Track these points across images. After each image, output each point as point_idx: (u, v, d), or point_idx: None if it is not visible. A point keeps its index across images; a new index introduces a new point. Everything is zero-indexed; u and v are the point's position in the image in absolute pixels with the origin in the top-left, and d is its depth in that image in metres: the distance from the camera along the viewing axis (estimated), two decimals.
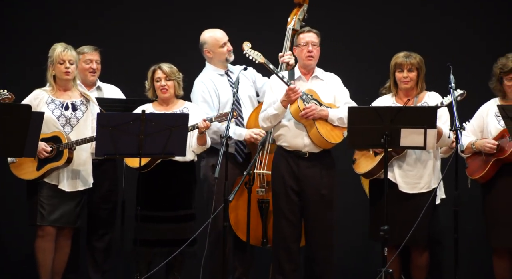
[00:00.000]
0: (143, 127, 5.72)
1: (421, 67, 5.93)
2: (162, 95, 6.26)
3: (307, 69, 6.09)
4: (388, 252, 5.67)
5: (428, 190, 5.90)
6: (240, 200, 6.15)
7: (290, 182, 5.99)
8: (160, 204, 6.15)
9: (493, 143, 5.78)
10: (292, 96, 5.90)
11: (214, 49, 6.46)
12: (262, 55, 6.19)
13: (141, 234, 6.04)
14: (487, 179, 5.86)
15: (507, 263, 5.85)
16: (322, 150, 5.99)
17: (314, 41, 6.02)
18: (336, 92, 6.05)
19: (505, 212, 5.79)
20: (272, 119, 6.00)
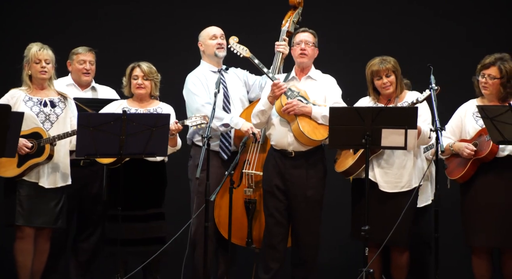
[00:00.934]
0: (124, 128, 5.70)
1: (397, 69, 5.95)
2: (136, 91, 6.25)
3: (301, 68, 6.10)
4: (370, 252, 5.70)
5: (409, 189, 5.91)
6: (227, 198, 6.13)
7: (276, 181, 6.01)
8: (129, 203, 6.09)
9: (471, 149, 5.81)
10: (276, 91, 5.92)
11: (205, 41, 6.49)
12: (248, 50, 6.20)
13: (113, 234, 6.03)
14: (466, 179, 5.89)
15: (486, 262, 5.88)
16: (309, 149, 5.99)
17: (307, 40, 6.04)
18: (327, 92, 6.06)
19: (483, 212, 5.82)
20: (260, 115, 6.02)
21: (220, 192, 6.08)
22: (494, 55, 5.86)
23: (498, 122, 5.55)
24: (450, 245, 6.42)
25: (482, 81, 5.84)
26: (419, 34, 7.37)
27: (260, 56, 6.33)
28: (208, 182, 5.85)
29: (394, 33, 7.36)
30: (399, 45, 6.94)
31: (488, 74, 5.82)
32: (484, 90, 5.84)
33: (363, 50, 7.19)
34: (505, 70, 5.80)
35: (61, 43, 6.40)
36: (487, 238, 5.80)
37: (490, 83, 5.82)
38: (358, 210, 5.93)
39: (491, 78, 5.82)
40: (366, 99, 6.09)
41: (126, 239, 6.03)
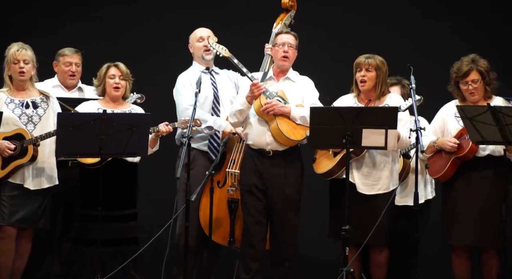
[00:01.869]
0: (104, 127, 5.68)
1: (380, 69, 5.94)
2: (113, 93, 6.20)
3: (281, 69, 6.11)
4: (349, 251, 5.72)
5: (386, 191, 5.94)
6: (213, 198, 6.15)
7: (255, 180, 6.02)
8: (107, 203, 6.04)
9: (454, 142, 5.85)
10: (255, 91, 5.93)
11: (193, 43, 6.51)
12: (227, 50, 6.19)
13: (86, 234, 6.02)
14: (448, 177, 5.92)
15: (465, 261, 5.92)
16: (286, 148, 6.01)
17: (290, 43, 6.05)
18: (305, 93, 6.07)
19: (463, 211, 5.85)
20: (238, 114, 6.03)
21: (205, 192, 6.08)
22: (465, 61, 5.87)
23: (477, 123, 5.59)
24: (431, 244, 6.45)
25: (467, 89, 5.86)
26: (404, 34, 7.39)
27: (250, 57, 6.32)
28: (189, 182, 5.84)
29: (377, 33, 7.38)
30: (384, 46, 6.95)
31: (471, 81, 5.85)
32: (472, 96, 5.87)
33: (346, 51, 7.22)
34: (483, 69, 5.84)
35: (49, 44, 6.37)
36: (467, 237, 5.84)
37: (476, 88, 5.85)
38: (336, 210, 5.95)
39: (475, 82, 5.86)
40: (348, 96, 6.10)
41: (102, 239, 5.99)
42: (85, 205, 6.10)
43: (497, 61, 6.06)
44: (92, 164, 6.03)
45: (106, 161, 6.02)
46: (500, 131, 5.55)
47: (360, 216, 5.87)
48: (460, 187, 5.88)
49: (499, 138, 5.58)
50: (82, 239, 6.09)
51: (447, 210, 5.95)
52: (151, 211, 6.48)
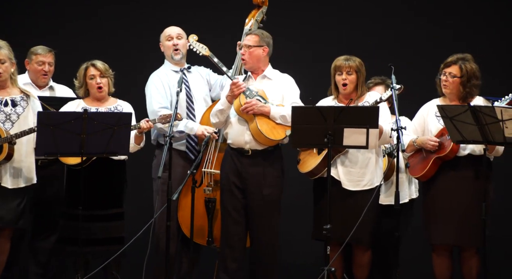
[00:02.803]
0: (85, 126, 5.65)
1: (360, 70, 5.97)
2: (98, 94, 6.19)
3: (252, 71, 6.11)
4: (332, 251, 5.73)
5: (371, 187, 5.94)
6: (189, 198, 6.12)
7: (234, 180, 6.02)
8: (90, 202, 6.05)
9: (435, 141, 5.87)
10: (235, 90, 5.93)
11: (163, 42, 6.48)
12: (207, 49, 6.18)
13: (71, 233, 5.99)
14: (428, 177, 5.94)
15: (446, 260, 5.94)
16: (266, 147, 6.01)
17: (247, 44, 6.04)
18: (285, 91, 6.07)
19: (443, 210, 5.87)
20: (219, 114, 6.02)
21: (183, 192, 6.07)
22: (456, 55, 5.93)
23: (458, 122, 5.61)
24: (412, 243, 6.48)
25: (443, 79, 5.91)
26: (385, 34, 7.42)
27: (223, 55, 6.31)
28: (170, 181, 5.83)
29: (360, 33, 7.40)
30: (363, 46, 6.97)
31: (449, 73, 5.89)
32: (444, 88, 5.91)
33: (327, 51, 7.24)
34: (466, 70, 5.86)
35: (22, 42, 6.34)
36: (447, 236, 5.85)
37: (450, 82, 5.89)
38: (319, 208, 5.96)
39: (452, 76, 5.89)
40: (327, 99, 6.11)
41: (86, 239, 5.97)
42: (70, 204, 6.07)
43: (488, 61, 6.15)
44: (77, 164, 5.99)
45: (90, 160, 6.00)
46: (480, 131, 5.57)
47: (345, 213, 5.88)
48: (441, 186, 5.91)
49: (479, 137, 5.61)
50: (66, 238, 6.06)
51: (428, 209, 5.97)
52: (132, 210, 6.45)
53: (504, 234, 6.97)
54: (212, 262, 6.36)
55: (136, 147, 6.15)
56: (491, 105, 5.62)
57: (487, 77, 6.03)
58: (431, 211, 5.94)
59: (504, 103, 5.75)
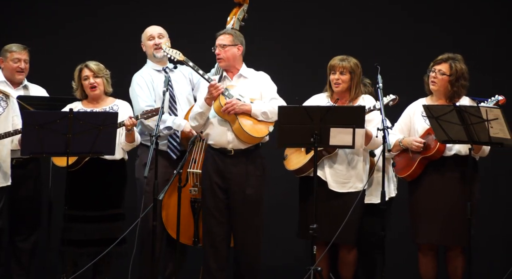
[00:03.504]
0: (70, 126, 5.64)
1: (354, 71, 5.97)
2: (92, 93, 6.19)
3: (227, 70, 6.11)
4: (317, 250, 5.74)
5: (357, 190, 5.96)
6: (174, 198, 6.12)
7: (216, 180, 6.00)
8: (88, 204, 6.07)
9: (420, 141, 5.89)
10: (214, 92, 5.92)
11: (144, 42, 6.49)
12: (181, 54, 6.16)
13: (69, 234, 5.97)
14: (414, 176, 5.96)
15: (431, 260, 5.97)
16: (248, 146, 6.00)
17: (221, 43, 6.04)
18: (262, 88, 6.07)
19: (429, 210, 5.89)
20: (198, 117, 6.00)
21: (168, 192, 6.05)
22: (447, 54, 5.96)
23: (443, 122, 5.64)
24: (397, 242, 6.49)
25: (432, 75, 5.94)
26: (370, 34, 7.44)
27: (205, 53, 6.29)
28: (156, 180, 5.82)
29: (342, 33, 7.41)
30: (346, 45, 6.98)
31: (438, 70, 5.92)
32: (432, 85, 5.94)
33: (309, 50, 7.26)
34: (455, 69, 5.89)
35: None
36: (433, 236, 5.88)
37: (439, 79, 5.92)
38: (305, 208, 5.96)
39: (441, 74, 5.92)
40: (321, 95, 6.12)
41: (84, 240, 6.00)
42: (70, 206, 5.99)
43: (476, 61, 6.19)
44: (70, 166, 5.97)
45: (83, 162, 6.00)
46: (465, 131, 5.60)
47: (331, 214, 5.89)
48: (427, 186, 5.93)
49: (465, 137, 5.63)
50: (67, 240, 6.03)
51: (414, 209, 5.99)
52: None
53: (491, 234, 7.01)
54: (198, 263, 6.34)
55: (128, 145, 6.13)
56: (476, 105, 5.64)
57: (479, 77, 6.07)
58: (417, 210, 5.96)
59: (491, 104, 5.78)
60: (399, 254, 6.68)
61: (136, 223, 6.03)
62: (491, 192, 6.85)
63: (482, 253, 6.90)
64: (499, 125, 5.51)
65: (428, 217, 5.89)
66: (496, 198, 7.11)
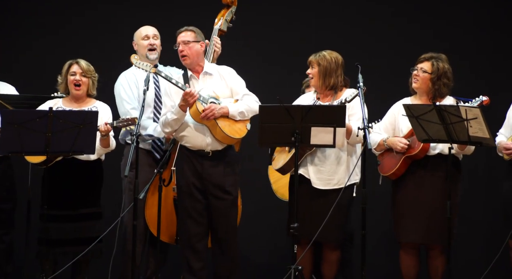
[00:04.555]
0: (50, 125, 5.61)
1: (321, 65, 5.96)
2: (74, 91, 6.15)
3: (192, 68, 6.08)
4: (302, 249, 5.75)
5: (342, 186, 5.96)
6: (157, 196, 6.09)
7: (194, 181, 5.99)
8: (64, 203, 6.04)
9: (404, 143, 5.91)
10: (190, 100, 5.89)
11: (138, 41, 6.45)
12: (152, 66, 6.08)
13: (46, 234, 5.95)
14: (398, 175, 5.98)
15: (413, 258, 5.99)
16: (225, 146, 6.01)
17: (184, 40, 6.02)
18: (232, 84, 6.07)
19: (412, 208, 5.91)
20: (173, 123, 5.96)
21: (151, 190, 6.05)
22: (431, 53, 6.00)
23: (423, 121, 5.66)
24: (378, 241, 6.53)
25: (414, 73, 5.97)
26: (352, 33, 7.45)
27: None
28: (137, 180, 5.81)
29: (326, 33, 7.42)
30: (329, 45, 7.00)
31: (420, 68, 5.96)
32: (414, 83, 5.97)
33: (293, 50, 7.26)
34: (437, 67, 5.93)
35: None
36: (415, 234, 5.89)
37: (420, 77, 5.95)
38: (291, 206, 5.97)
39: (423, 71, 5.95)
40: (308, 95, 6.15)
41: (61, 239, 5.97)
42: (49, 205, 5.99)
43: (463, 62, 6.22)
44: (41, 163, 5.94)
45: (55, 160, 5.96)
46: (445, 130, 5.63)
47: (316, 212, 5.88)
48: (410, 185, 5.94)
49: (445, 137, 5.66)
50: (44, 239, 6.01)
51: (397, 208, 6.01)
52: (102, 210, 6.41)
53: (474, 233, 7.05)
54: (180, 261, 6.33)
55: (102, 149, 6.10)
56: (456, 105, 5.68)
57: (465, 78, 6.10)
58: (400, 209, 5.98)
59: (475, 105, 5.82)
60: (380, 253, 6.71)
61: (117, 222, 5.99)
62: (471, 191, 6.89)
63: (463, 252, 6.95)
64: (478, 125, 5.54)
65: (410, 215, 5.91)
66: (475, 197, 7.15)
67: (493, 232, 6.66)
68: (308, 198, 5.90)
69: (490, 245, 6.14)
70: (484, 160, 6.91)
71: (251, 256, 6.18)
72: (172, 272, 6.50)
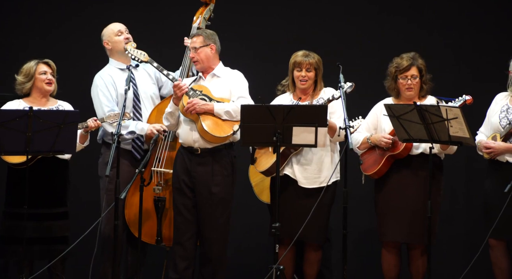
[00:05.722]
0: (30, 124, 5.57)
1: (319, 67, 6.01)
2: (46, 88, 6.10)
3: (204, 71, 6.12)
4: (284, 249, 5.75)
5: (329, 183, 5.96)
6: (137, 196, 6.07)
7: (183, 178, 6.02)
8: (33, 201, 5.95)
9: (388, 138, 5.93)
10: (178, 92, 5.94)
11: (111, 39, 6.39)
12: (146, 54, 6.15)
13: (14, 232, 5.91)
14: (381, 174, 6.00)
15: (395, 257, 6.01)
16: (215, 146, 6.01)
17: (193, 46, 6.08)
18: (232, 86, 6.09)
19: (395, 208, 5.93)
20: (169, 117, 6.04)
21: (131, 190, 6.03)
22: (406, 56, 6.00)
23: (404, 121, 5.69)
24: (359, 241, 6.54)
25: (406, 83, 5.97)
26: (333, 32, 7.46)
27: (171, 53, 6.26)
28: (118, 179, 5.79)
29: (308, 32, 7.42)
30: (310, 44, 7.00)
31: (411, 76, 5.97)
32: (409, 91, 5.98)
33: (273, 49, 7.26)
34: (422, 67, 5.98)
35: None
36: (397, 234, 5.92)
37: (415, 83, 5.98)
38: (274, 207, 5.96)
39: (414, 78, 5.98)
40: (284, 96, 6.14)
41: (29, 238, 5.91)
42: (11, 203, 5.99)
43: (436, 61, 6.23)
44: (21, 163, 5.89)
45: (35, 159, 5.92)
46: (426, 130, 5.66)
47: (302, 213, 5.86)
48: (393, 184, 5.97)
49: (425, 136, 5.69)
50: (10, 238, 5.96)
51: (379, 207, 6.03)
52: (78, 210, 6.37)
53: (455, 232, 7.09)
54: (160, 262, 6.33)
55: (80, 146, 6.09)
56: (436, 104, 5.71)
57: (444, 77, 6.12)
58: (383, 208, 6.00)
59: (458, 104, 5.85)
60: (362, 252, 6.73)
61: (98, 222, 5.97)
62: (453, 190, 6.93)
63: (445, 251, 6.98)
64: (459, 125, 5.57)
65: (393, 214, 5.93)
66: (457, 196, 7.18)
67: (474, 231, 6.70)
68: (294, 198, 5.91)
69: (471, 244, 6.16)
70: (465, 159, 6.94)
71: (233, 256, 6.17)
72: (152, 271, 6.48)
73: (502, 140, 5.91)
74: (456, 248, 7.12)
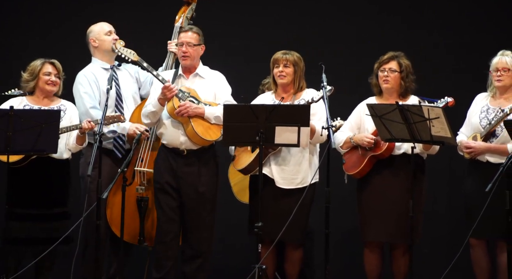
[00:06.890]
0: (11, 124, 5.55)
1: (297, 64, 6.02)
2: (49, 88, 6.09)
3: (186, 67, 6.10)
4: (265, 248, 5.76)
5: (305, 185, 5.98)
6: (119, 196, 6.06)
7: (168, 179, 6.01)
8: (33, 202, 5.99)
9: (371, 138, 5.95)
10: (167, 94, 5.91)
11: (99, 37, 6.37)
12: (135, 54, 6.15)
13: (13, 233, 5.88)
14: (363, 174, 6.02)
15: (377, 257, 6.03)
16: (201, 147, 6.01)
17: (189, 42, 6.03)
18: (217, 89, 6.08)
19: (377, 207, 5.95)
20: (151, 116, 6.02)
21: (113, 190, 6.00)
22: (390, 52, 6.06)
23: (386, 121, 5.71)
24: (342, 240, 6.55)
25: (383, 75, 6.01)
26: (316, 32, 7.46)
27: (154, 52, 6.24)
28: (100, 179, 5.77)
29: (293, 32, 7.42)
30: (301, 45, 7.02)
31: (388, 68, 6.01)
32: (385, 84, 6.01)
33: (257, 49, 7.26)
34: (404, 65, 6.00)
35: None
36: (380, 233, 5.94)
37: (391, 77, 6.00)
38: (254, 207, 5.97)
39: (392, 71, 6.01)
40: (266, 94, 6.14)
41: (27, 238, 5.92)
42: (11, 203, 5.90)
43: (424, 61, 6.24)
44: (15, 162, 5.86)
45: (29, 159, 5.91)
46: (408, 129, 5.68)
47: (279, 211, 5.89)
48: (375, 184, 5.99)
49: (407, 136, 5.71)
50: (10, 238, 5.94)
51: (361, 207, 6.05)
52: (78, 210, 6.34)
53: (437, 232, 7.12)
54: (143, 262, 6.31)
55: (78, 147, 6.09)
56: (418, 104, 5.73)
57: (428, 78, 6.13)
58: (365, 208, 6.02)
59: (441, 105, 5.87)
60: (344, 251, 6.74)
61: (80, 222, 5.95)
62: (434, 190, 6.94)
63: (427, 252, 7.01)
64: (441, 124, 5.60)
65: (375, 214, 5.95)
66: (438, 196, 7.21)
67: (456, 231, 6.72)
68: (271, 198, 5.92)
69: (453, 244, 6.18)
70: (447, 159, 6.96)
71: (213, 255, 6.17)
72: (135, 271, 6.46)
73: (483, 139, 5.94)
74: (438, 247, 7.14)
